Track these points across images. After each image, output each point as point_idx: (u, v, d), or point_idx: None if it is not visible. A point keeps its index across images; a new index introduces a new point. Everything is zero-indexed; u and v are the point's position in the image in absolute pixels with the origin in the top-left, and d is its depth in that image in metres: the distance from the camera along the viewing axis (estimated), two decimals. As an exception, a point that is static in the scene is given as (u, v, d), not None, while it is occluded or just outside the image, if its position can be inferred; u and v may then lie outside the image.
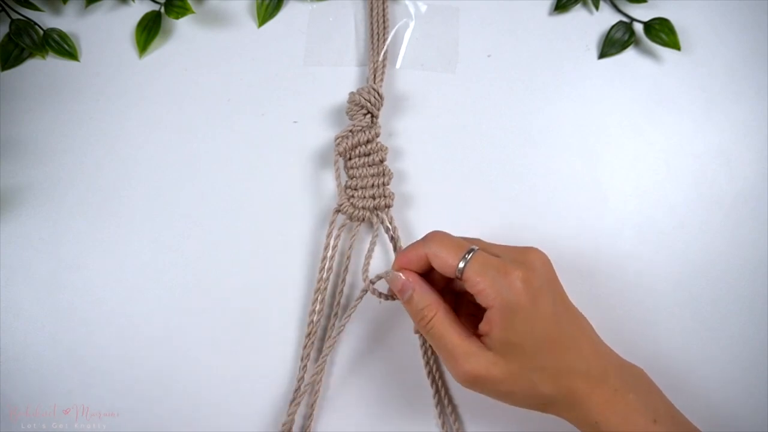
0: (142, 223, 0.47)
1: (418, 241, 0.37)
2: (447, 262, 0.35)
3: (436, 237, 0.37)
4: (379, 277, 0.39)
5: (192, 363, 0.44)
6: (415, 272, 0.37)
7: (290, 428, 0.41)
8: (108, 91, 0.50)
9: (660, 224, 0.47)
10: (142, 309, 0.45)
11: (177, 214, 0.47)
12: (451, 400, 0.43)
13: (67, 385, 0.43)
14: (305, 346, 0.43)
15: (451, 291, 0.39)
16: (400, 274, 0.37)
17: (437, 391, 0.42)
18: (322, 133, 0.49)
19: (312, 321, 0.43)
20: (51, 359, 0.44)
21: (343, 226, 0.45)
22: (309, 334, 0.43)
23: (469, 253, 0.35)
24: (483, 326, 0.35)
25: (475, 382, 0.35)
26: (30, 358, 0.44)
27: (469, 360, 0.34)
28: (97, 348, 0.44)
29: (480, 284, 0.34)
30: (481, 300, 0.34)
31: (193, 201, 0.47)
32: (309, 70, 0.51)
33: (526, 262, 0.35)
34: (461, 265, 0.34)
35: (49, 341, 0.44)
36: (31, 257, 0.46)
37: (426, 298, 0.36)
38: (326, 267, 0.44)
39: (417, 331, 0.42)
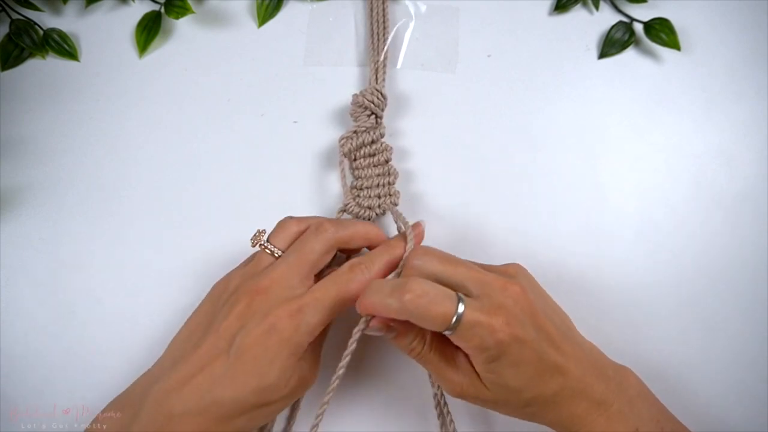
0: (142, 223, 0.47)
1: (400, 285, 0.33)
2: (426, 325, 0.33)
3: (415, 301, 0.32)
4: (365, 323, 0.36)
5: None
6: None
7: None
8: (108, 91, 0.51)
9: (660, 224, 0.47)
10: (142, 309, 0.45)
11: (177, 214, 0.47)
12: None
13: (67, 385, 0.43)
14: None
15: None
16: (377, 326, 0.35)
17: (437, 391, 0.42)
18: (322, 134, 0.49)
19: None
20: (51, 359, 0.44)
21: None
22: None
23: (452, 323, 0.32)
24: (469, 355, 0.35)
25: (464, 399, 0.36)
26: (30, 358, 0.44)
27: (460, 385, 0.35)
28: (97, 348, 0.44)
29: (456, 340, 0.33)
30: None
31: (193, 201, 0.47)
32: (309, 70, 0.51)
33: (501, 303, 0.33)
34: (445, 330, 0.33)
35: (49, 341, 0.44)
36: (31, 257, 0.46)
37: (411, 333, 0.35)
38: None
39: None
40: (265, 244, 0.39)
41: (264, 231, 0.40)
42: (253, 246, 0.39)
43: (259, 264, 0.38)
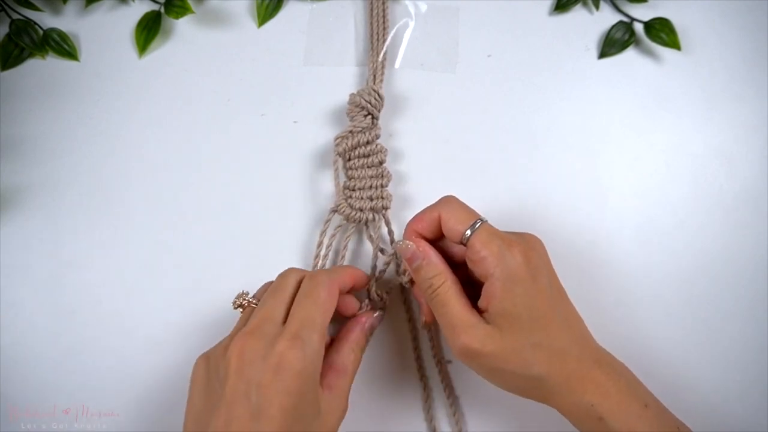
0: (142, 223, 0.47)
1: (432, 204, 0.38)
2: (456, 227, 0.36)
3: (450, 201, 0.38)
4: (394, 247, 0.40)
5: (191, 362, 0.43)
6: (426, 238, 0.38)
7: None
8: (108, 91, 0.51)
9: (660, 224, 0.47)
10: (142, 309, 0.45)
11: (177, 214, 0.47)
12: (454, 393, 0.43)
13: (67, 385, 0.43)
14: None
15: (456, 266, 0.39)
16: (411, 243, 0.38)
17: (426, 388, 0.43)
18: (322, 134, 0.49)
19: None
20: (51, 359, 0.44)
21: (339, 226, 0.45)
22: None
23: (477, 222, 0.36)
24: (482, 301, 0.35)
25: (468, 355, 0.35)
26: (30, 358, 0.44)
27: (466, 331, 0.34)
28: (97, 348, 0.44)
29: (483, 252, 0.35)
30: (481, 269, 0.35)
31: (193, 201, 0.47)
32: (309, 70, 0.51)
33: (527, 241, 0.36)
34: (468, 232, 0.35)
35: (49, 341, 0.44)
36: (31, 257, 0.46)
37: (435, 267, 0.37)
38: (318, 265, 0.44)
39: (424, 326, 0.42)
40: (250, 299, 0.38)
41: (246, 292, 0.39)
42: (236, 308, 0.38)
43: (242, 320, 0.38)
